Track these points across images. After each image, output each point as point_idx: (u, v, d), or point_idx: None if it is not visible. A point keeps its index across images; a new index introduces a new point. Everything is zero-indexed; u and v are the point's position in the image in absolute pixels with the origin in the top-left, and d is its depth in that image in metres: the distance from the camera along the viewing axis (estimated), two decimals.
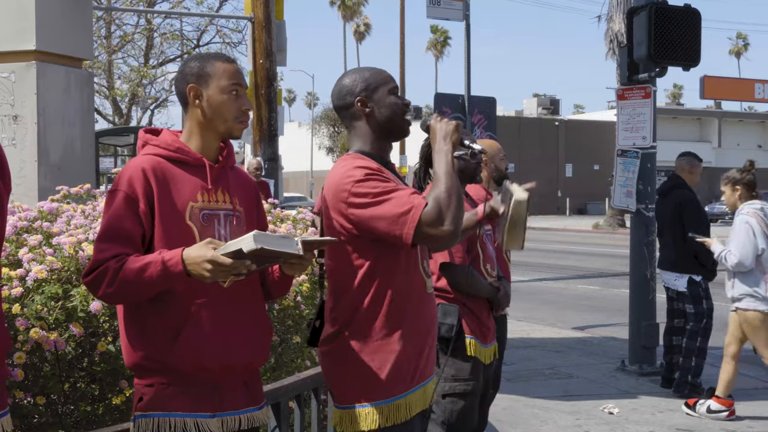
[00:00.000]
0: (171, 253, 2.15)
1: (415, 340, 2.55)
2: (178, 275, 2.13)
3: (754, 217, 5.61)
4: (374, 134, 2.61)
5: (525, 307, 10.93)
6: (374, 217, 2.39)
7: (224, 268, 2.07)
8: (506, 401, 6.08)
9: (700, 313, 6.40)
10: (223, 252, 2.08)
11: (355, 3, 72.71)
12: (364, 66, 2.72)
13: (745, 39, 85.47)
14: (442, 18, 10.42)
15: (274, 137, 10.90)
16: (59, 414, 3.11)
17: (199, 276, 2.11)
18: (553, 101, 61.09)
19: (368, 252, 2.48)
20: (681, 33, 7.02)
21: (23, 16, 5.16)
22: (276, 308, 4.06)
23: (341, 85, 2.63)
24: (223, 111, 2.36)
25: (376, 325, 2.50)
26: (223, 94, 2.36)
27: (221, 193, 2.37)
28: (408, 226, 2.35)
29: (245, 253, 2.05)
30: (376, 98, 2.58)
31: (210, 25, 22.28)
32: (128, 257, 2.18)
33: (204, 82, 2.36)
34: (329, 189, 2.54)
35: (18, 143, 5.13)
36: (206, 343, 2.26)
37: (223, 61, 2.41)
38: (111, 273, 2.16)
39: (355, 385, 2.50)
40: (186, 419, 2.25)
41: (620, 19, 27.03)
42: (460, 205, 2.40)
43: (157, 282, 2.15)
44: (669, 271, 6.55)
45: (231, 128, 2.39)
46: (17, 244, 3.25)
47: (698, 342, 6.44)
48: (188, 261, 2.11)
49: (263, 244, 2.05)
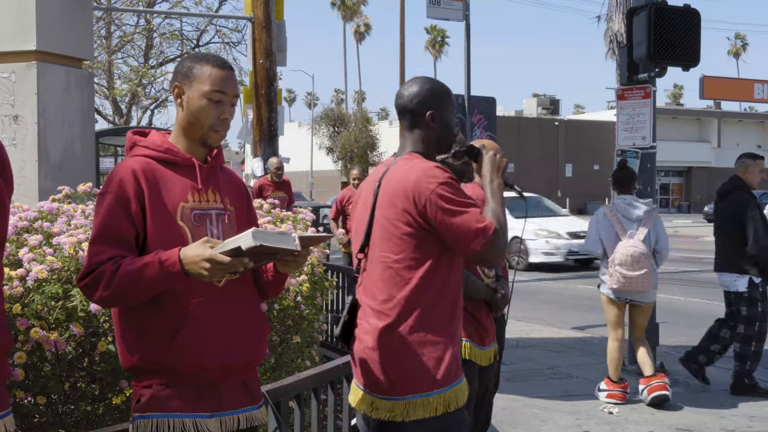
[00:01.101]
0: (168, 253, 2.14)
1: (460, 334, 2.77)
2: (176, 275, 2.13)
3: None
4: (429, 145, 2.80)
5: (525, 307, 10.93)
6: (454, 223, 2.54)
7: (223, 266, 2.08)
8: (506, 401, 6.08)
9: (753, 316, 6.37)
10: (221, 250, 2.08)
11: (355, 3, 72.73)
12: (438, 79, 2.90)
13: (743, 39, 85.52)
14: (441, 18, 10.43)
15: (274, 137, 10.89)
16: (59, 414, 3.11)
17: (197, 275, 2.11)
18: (553, 101, 61.11)
19: (433, 248, 2.61)
20: (681, 33, 7.02)
21: (23, 16, 5.16)
22: (276, 308, 4.06)
23: (417, 91, 2.79)
24: (199, 116, 2.33)
25: (437, 319, 2.64)
26: (202, 99, 2.32)
27: (212, 193, 2.37)
28: (478, 242, 2.54)
29: (244, 250, 2.06)
30: (443, 117, 2.79)
31: (209, 25, 22.27)
32: (124, 259, 2.18)
33: (188, 82, 2.34)
34: (399, 183, 2.64)
35: (18, 143, 5.13)
36: (205, 343, 2.25)
37: (212, 65, 2.34)
38: (108, 276, 2.15)
39: (414, 375, 2.60)
40: (185, 420, 2.25)
41: (620, 19, 26.96)
42: (506, 235, 2.63)
43: (155, 283, 2.15)
44: (728, 272, 6.52)
45: (205, 135, 2.36)
46: (17, 244, 3.26)
47: (753, 346, 6.41)
48: (186, 260, 2.11)
49: (262, 241, 2.05)
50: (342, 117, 50.34)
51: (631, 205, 6.14)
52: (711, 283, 6.81)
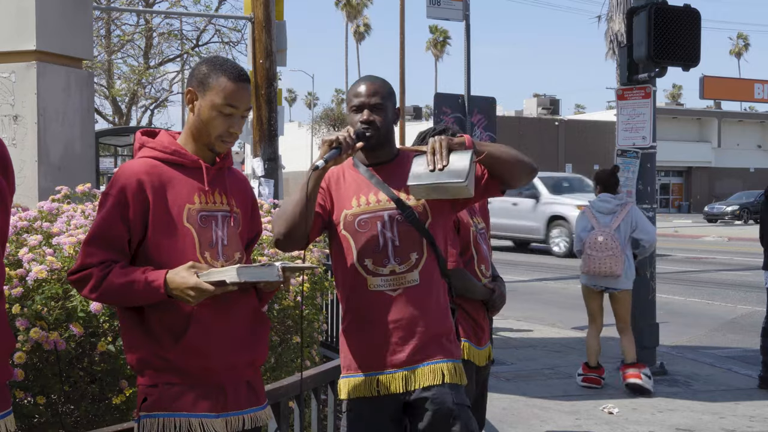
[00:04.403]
0: (155, 274, 2.21)
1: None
2: (159, 296, 2.20)
3: None
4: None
5: (525, 307, 10.93)
6: None
7: (207, 293, 2.18)
8: (506, 401, 6.08)
9: None
10: (206, 279, 2.17)
11: (359, 3, 72.68)
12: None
13: (745, 39, 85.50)
14: (442, 18, 10.43)
15: (274, 137, 10.88)
16: (59, 414, 3.11)
17: (181, 299, 2.20)
18: (553, 101, 61.04)
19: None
20: (681, 33, 7.01)
21: (23, 16, 5.15)
22: (276, 308, 4.06)
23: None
24: (208, 126, 2.35)
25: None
26: (213, 110, 2.33)
27: (218, 195, 2.38)
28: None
29: (228, 283, 2.18)
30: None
31: (209, 24, 22.26)
32: (115, 264, 2.23)
33: (202, 90, 2.35)
34: None
35: (18, 143, 5.13)
36: (210, 343, 2.28)
37: (228, 77, 2.33)
38: (95, 280, 2.23)
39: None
40: (191, 419, 2.26)
41: (620, 19, 26.99)
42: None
43: (139, 300, 2.24)
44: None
45: (212, 144, 2.38)
46: (17, 244, 3.26)
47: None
48: (172, 286, 2.19)
49: (246, 277, 2.18)
50: (342, 117, 50.36)
51: (604, 201, 6.47)
52: (711, 283, 6.80)
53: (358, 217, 2.74)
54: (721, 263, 17.56)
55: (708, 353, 8.13)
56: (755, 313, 9.97)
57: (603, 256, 6.23)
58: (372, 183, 2.79)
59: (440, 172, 2.57)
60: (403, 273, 2.72)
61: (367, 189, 2.79)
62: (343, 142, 2.63)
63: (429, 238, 2.76)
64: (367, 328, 2.74)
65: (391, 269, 2.72)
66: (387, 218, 2.73)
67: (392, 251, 2.72)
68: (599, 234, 6.27)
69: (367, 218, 2.74)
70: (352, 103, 2.82)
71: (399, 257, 2.72)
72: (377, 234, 2.73)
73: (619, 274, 6.28)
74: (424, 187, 2.61)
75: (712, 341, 8.94)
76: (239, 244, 2.40)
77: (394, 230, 2.73)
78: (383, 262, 2.71)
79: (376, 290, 2.72)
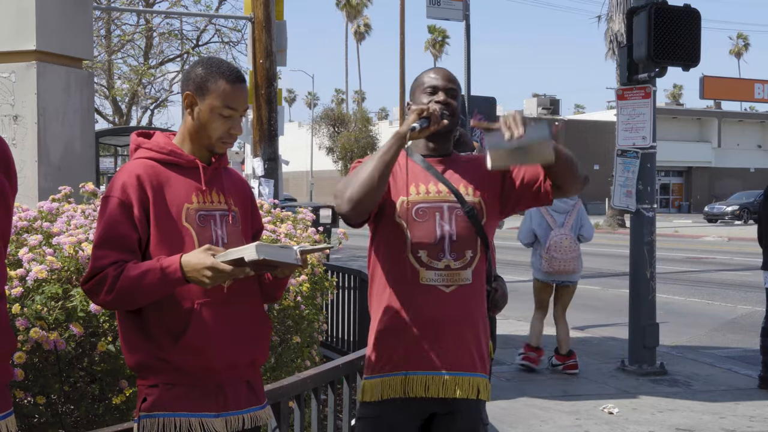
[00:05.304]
0: (169, 259, 2.17)
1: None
2: (176, 282, 2.16)
3: None
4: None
5: (525, 307, 10.92)
6: None
7: (224, 274, 2.12)
8: (506, 401, 6.08)
9: None
10: (222, 259, 2.12)
11: (359, 3, 72.68)
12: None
13: (745, 39, 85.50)
14: (442, 18, 10.44)
15: (274, 137, 10.88)
16: (59, 414, 3.11)
17: (198, 282, 2.15)
18: (553, 101, 61.03)
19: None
20: (681, 33, 7.01)
21: (23, 16, 5.15)
22: (276, 308, 4.06)
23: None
24: (208, 129, 2.34)
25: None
26: (213, 113, 2.33)
27: (216, 194, 2.38)
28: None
29: (246, 262, 2.10)
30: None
31: (209, 24, 22.26)
32: (127, 264, 2.20)
33: (201, 94, 2.34)
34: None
35: (18, 143, 5.13)
36: (211, 343, 2.27)
37: (226, 79, 2.33)
38: (110, 280, 2.19)
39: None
40: (191, 419, 2.26)
41: (620, 19, 27.04)
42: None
43: (157, 289, 2.18)
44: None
45: (212, 145, 2.37)
46: (17, 244, 3.26)
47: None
48: (187, 268, 2.14)
49: (265, 255, 2.11)
50: (342, 117, 50.38)
51: (562, 201, 6.77)
52: (711, 283, 6.80)
53: (417, 205, 2.61)
54: (721, 263, 17.57)
55: (708, 353, 8.13)
56: (755, 313, 9.97)
57: (568, 258, 6.81)
58: (430, 173, 2.65)
59: (519, 139, 2.41)
60: (457, 270, 2.59)
61: (425, 178, 2.64)
62: (434, 114, 2.51)
63: (484, 238, 2.64)
64: (414, 324, 2.58)
65: (446, 264, 2.58)
66: (447, 210, 2.60)
67: (449, 245, 2.58)
68: (564, 237, 6.78)
69: (426, 207, 2.60)
70: (427, 85, 2.66)
71: (455, 252, 2.59)
72: (435, 225, 2.59)
73: (579, 270, 6.93)
74: (504, 151, 2.44)
75: (712, 341, 8.94)
76: (241, 242, 2.40)
77: (453, 224, 2.60)
78: (438, 256, 2.57)
79: (429, 284, 2.58)
